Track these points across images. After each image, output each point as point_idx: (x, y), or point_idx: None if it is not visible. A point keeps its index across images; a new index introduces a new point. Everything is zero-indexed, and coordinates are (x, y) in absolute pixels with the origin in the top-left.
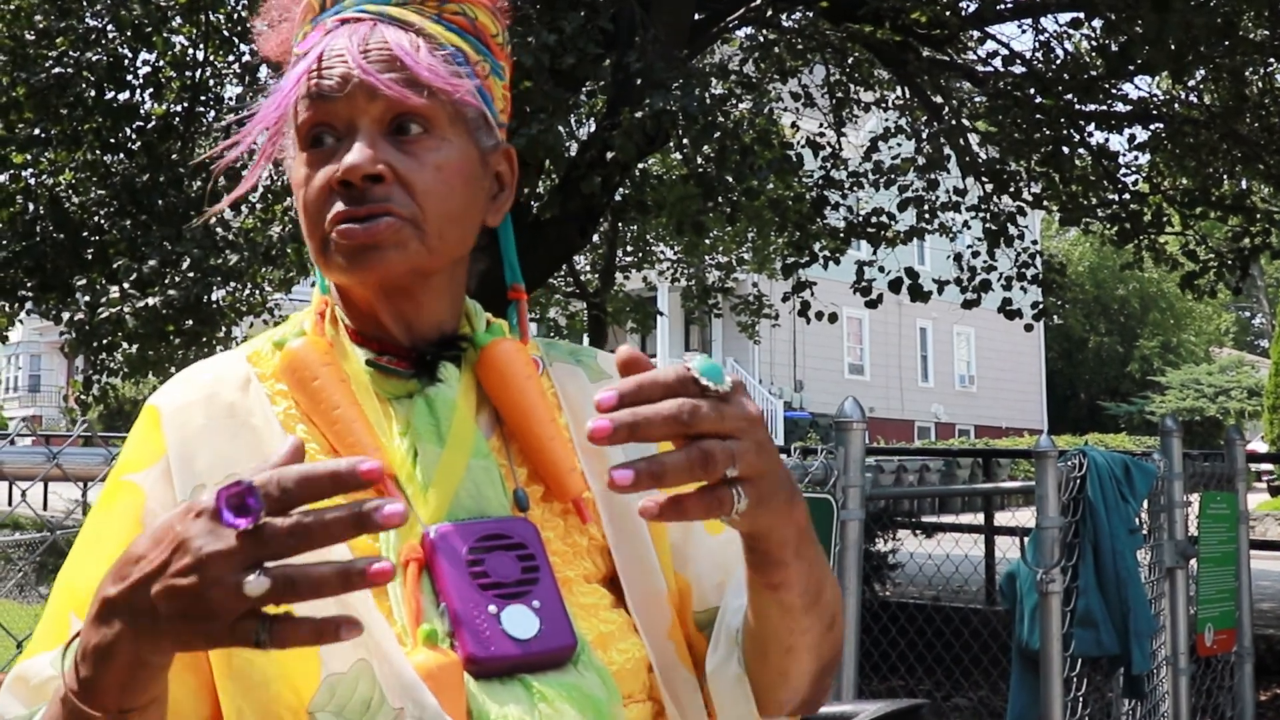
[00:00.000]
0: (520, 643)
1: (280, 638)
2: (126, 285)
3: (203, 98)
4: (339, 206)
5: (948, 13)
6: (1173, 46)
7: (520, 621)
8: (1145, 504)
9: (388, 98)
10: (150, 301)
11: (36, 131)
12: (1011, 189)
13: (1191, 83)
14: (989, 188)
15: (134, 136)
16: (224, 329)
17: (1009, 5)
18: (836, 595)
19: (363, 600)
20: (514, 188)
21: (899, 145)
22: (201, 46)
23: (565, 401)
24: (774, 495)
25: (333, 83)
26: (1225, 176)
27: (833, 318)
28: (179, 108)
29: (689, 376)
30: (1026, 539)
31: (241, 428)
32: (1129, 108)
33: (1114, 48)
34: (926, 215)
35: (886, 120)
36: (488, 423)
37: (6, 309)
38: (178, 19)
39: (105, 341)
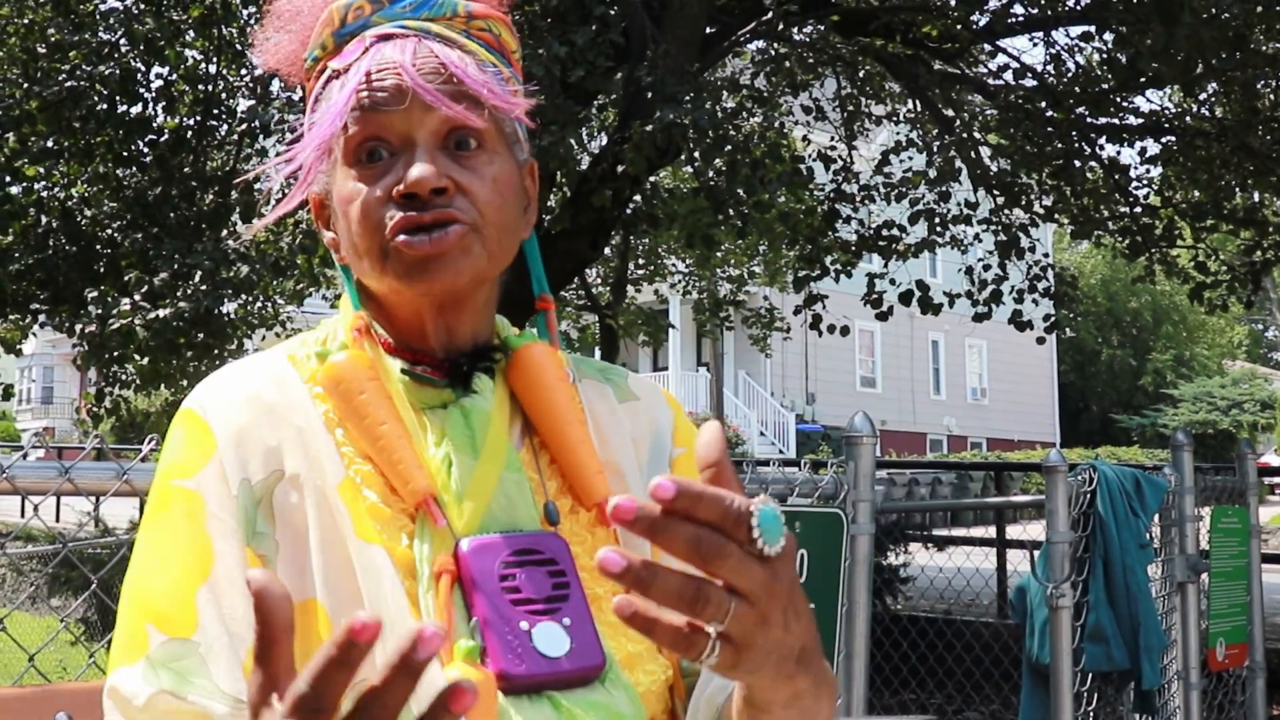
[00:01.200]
0: (551, 660)
1: None
2: (137, 297)
3: (215, 111)
4: (401, 214)
5: (959, 26)
6: (1181, 59)
7: (552, 639)
8: (1156, 518)
9: (447, 113)
10: (161, 313)
11: (49, 145)
12: (1023, 202)
13: (1203, 96)
14: (1000, 200)
15: (146, 150)
16: (236, 342)
17: (1020, 19)
18: (833, 711)
19: (400, 610)
20: (537, 201)
21: (910, 159)
22: (214, 60)
23: (591, 417)
24: (763, 666)
25: (386, 95)
26: (1237, 190)
27: (844, 331)
28: (191, 121)
29: (747, 516)
30: (1036, 553)
31: (283, 425)
32: (1140, 121)
33: (1123, 60)
34: (938, 228)
35: (898, 134)
36: (519, 434)
37: (19, 321)
38: (190, 33)
39: (116, 354)
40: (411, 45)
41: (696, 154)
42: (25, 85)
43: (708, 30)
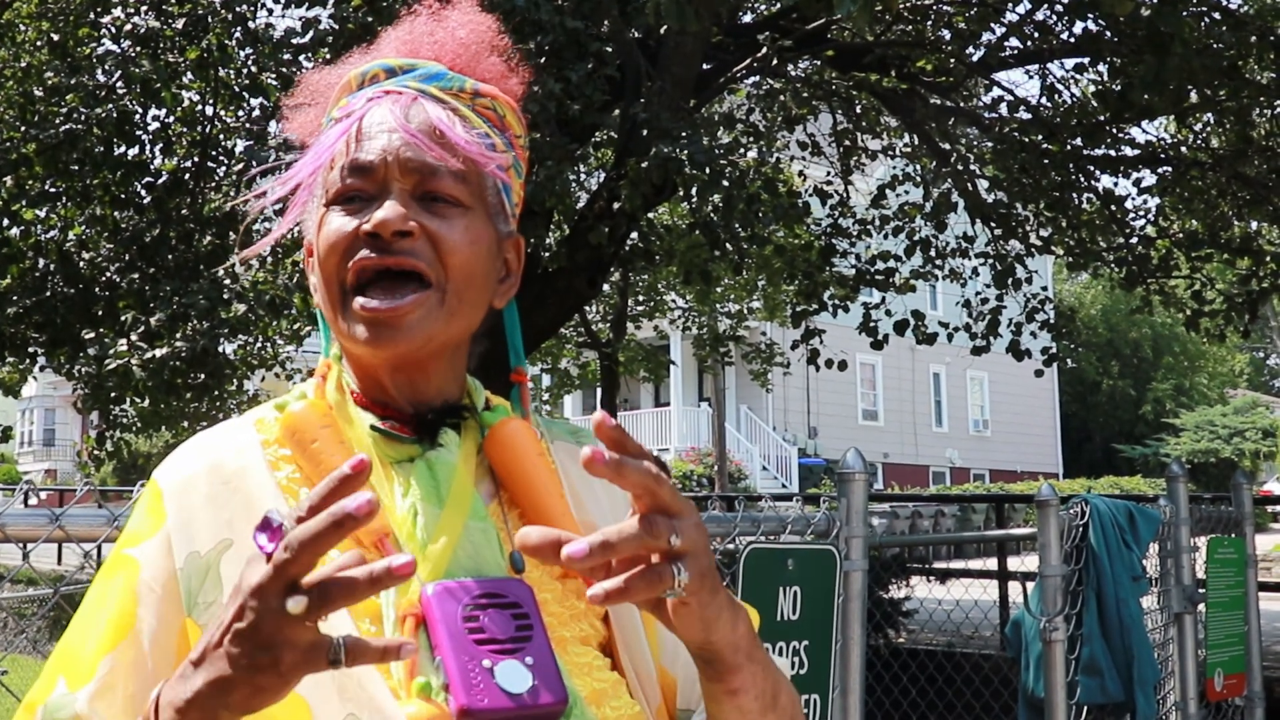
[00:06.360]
0: (513, 696)
1: (354, 654)
2: (134, 337)
3: (212, 152)
4: (363, 253)
5: (953, 60)
6: (1173, 89)
7: (513, 676)
8: (1153, 549)
9: (424, 165)
10: (157, 353)
11: (47, 187)
12: (1020, 233)
13: (1198, 126)
14: (997, 232)
15: (143, 192)
16: (235, 382)
17: (1014, 52)
18: (794, 698)
19: None
20: (519, 276)
21: (906, 193)
22: (211, 102)
23: (565, 479)
24: (715, 583)
25: (372, 157)
26: (1233, 219)
27: (842, 365)
28: (188, 163)
29: (665, 531)
30: (1030, 585)
31: (235, 494)
32: (1136, 152)
33: (1116, 91)
34: (935, 260)
35: (894, 168)
36: (488, 491)
37: (18, 364)
38: (187, 75)
39: (113, 394)
40: (405, 101)
41: (693, 190)
42: (23, 128)
43: (703, 66)
